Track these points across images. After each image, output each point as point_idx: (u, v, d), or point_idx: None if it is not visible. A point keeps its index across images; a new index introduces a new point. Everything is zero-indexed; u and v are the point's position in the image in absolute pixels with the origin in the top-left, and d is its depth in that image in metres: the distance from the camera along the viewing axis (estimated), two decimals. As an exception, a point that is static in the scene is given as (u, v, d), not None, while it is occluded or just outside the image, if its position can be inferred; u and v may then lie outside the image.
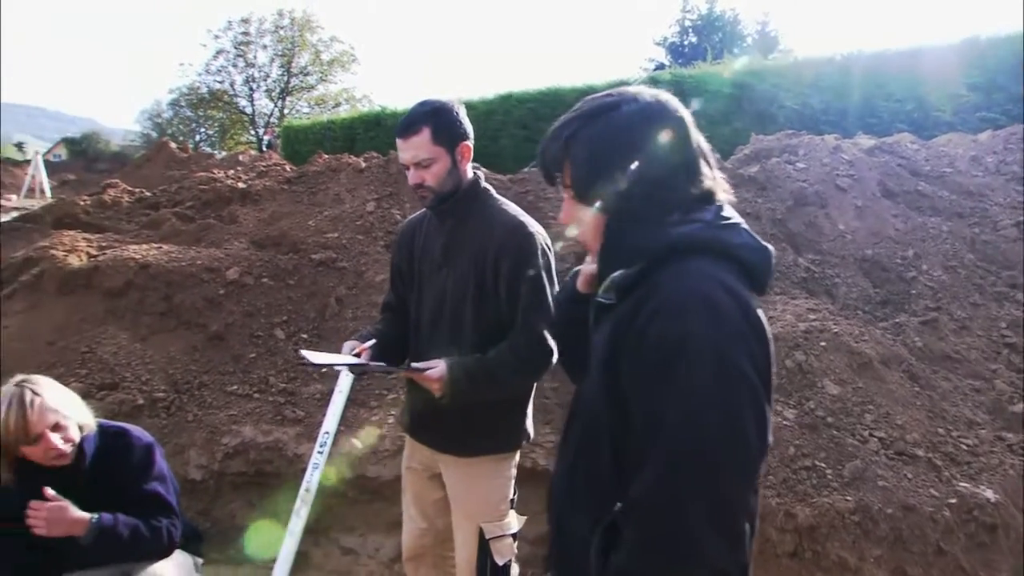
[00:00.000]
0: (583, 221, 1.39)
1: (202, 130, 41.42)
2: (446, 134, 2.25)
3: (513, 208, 2.42)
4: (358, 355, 2.35)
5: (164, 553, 2.63)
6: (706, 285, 1.23)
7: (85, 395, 3.88)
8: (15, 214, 7.36)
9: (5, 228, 5.98)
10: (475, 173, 2.40)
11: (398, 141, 2.27)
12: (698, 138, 1.36)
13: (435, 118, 2.24)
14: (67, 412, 2.44)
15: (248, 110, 39.66)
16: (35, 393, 2.37)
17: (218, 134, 40.69)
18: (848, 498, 3.16)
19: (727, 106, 10.79)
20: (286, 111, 38.61)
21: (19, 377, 2.47)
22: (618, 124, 1.31)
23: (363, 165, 5.96)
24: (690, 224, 1.30)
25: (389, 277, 2.67)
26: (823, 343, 3.92)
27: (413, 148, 2.23)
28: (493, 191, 2.45)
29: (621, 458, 1.28)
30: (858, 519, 3.09)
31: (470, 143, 2.33)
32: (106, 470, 2.54)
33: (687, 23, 31.70)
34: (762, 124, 9.17)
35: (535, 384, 2.50)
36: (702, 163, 1.35)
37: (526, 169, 5.66)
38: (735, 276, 1.27)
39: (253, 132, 39.25)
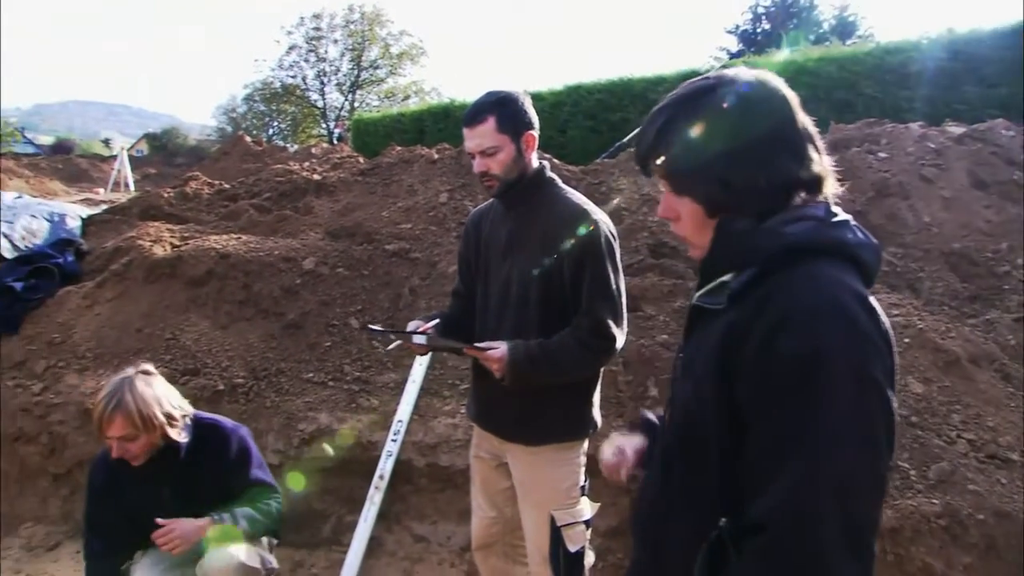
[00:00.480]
0: (682, 215, 1.29)
1: (275, 124, 42.49)
2: (511, 123, 2.27)
3: (578, 196, 2.42)
4: (422, 333, 2.38)
5: (276, 528, 2.86)
6: (836, 293, 1.13)
7: (169, 380, 4.02)
8: (104, 206, 7.66)
9: (95, 220, 6.24)
10: (540, 162, 2.41)
11: (464, 130, 2.30)
12: (804, 120, 1.26)
13: (500, 107, 2.26)
14: (153, 420, 2.51)
15: (319, 104, 40.54)
16: (131, 396, 2.48)
17: (290, 128, 41.67)
18: (934, 501, 3.03)
19: (803, 95, 10.41)
20: (356, 104, 39.29)
21: (129, 371, 2.60)
22: (716, 108, 1.22)
23: (436, 156, 6.01)
24: (802, 222, 1.19)
25: (458, 266, 2.69)
26: (907, 339, 3.77)
27: (478, 136, 2.26)
28: (559, 180, 2.47)
29: (729, 472, 1.20)
30: (945, 524, 2.96)
31: (535, 133, 2.34)
32: (201, 460, 2.68)
33: (760, 10, 30.89)
34: (840, 113, 8.85)
35: (600, 372, 2.48)
36: (810, 147, 1.24)
37: (597, 160, 5.61)
38: (857, 279, 1.18)
39: (324, 125, 40.07)
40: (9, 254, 5.50)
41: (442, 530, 3.75)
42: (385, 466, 3.69)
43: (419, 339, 2.37)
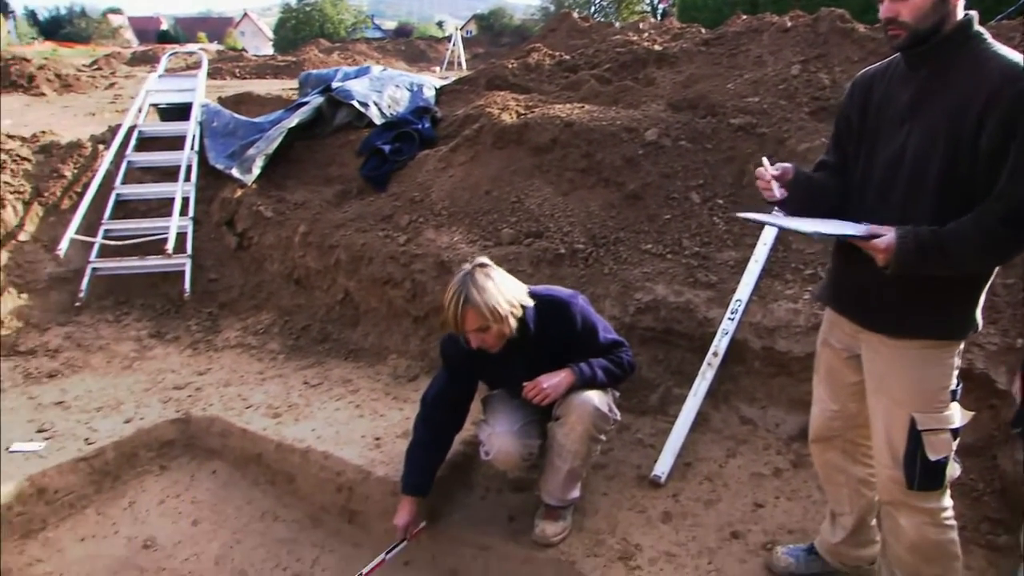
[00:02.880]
0: None
1: (597, 1, 42.31)
2: None
3: (1015, 54, 1.95)
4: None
5: (629, 376, 3.01)
6: None
7: (514, 241, 4.30)
8: (451, 78, 8.21)
9: (446, 90, 6.73)
10: (967, 15, 2.00)
11: None
12: None
13: None
14: (500, 311, 2.63)
15: (643, -23, 39.48)
16: (476, 291, 2.60)
17: (613, 4, 41.26)
18: None
19: None
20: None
21: (476, 262, 2.72)
22: None
23: (788, 24, 5.50)
24: None
25: (833, 134, 2.38)
26: None
27: None
28: (988, 36, 2.02)
29: None
30: None
31: None
32: (549, 334, 2.82)
33: None
34: None
35: (995, 268, 2.11)
36: None
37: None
38: None
39: (648, 1, 39.09)
40: (378, 120, 6.15)
41: (771, 416, 3.64)
42: (720, 344, 3.63)
43: (795, 223, 2.17)
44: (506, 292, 2.67)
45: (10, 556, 3.15)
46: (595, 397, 2.82)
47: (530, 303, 2.76)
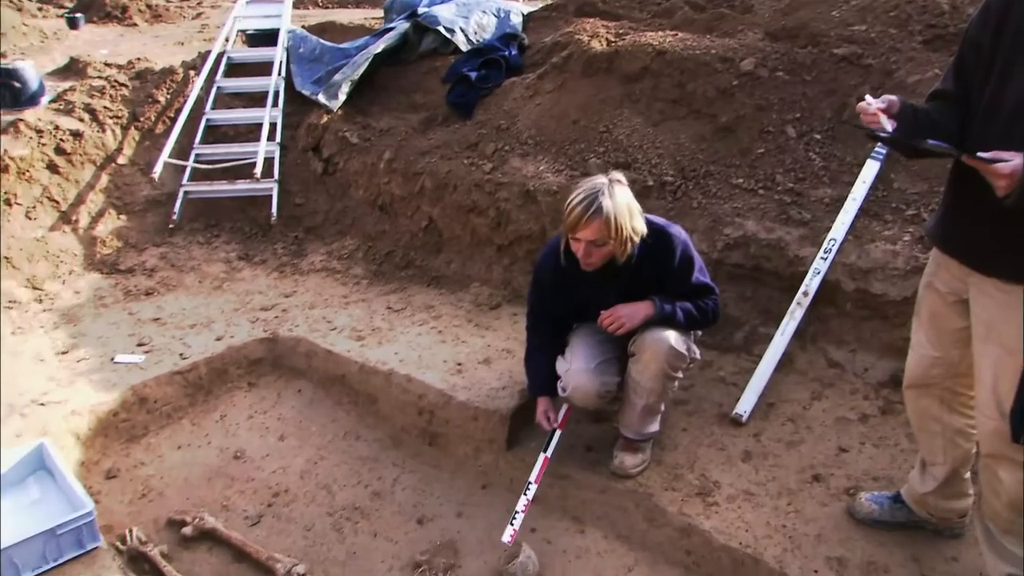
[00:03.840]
0: None
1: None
2: None
3: None
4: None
5: (711, 324, 2.97)
6: None
7: (602, 171, 4.20)
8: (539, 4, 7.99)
9: (535, 16, 6.54)
10: None
11: None
12: None
13: None
14: (624, 231, 2.54)
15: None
16: (611, 202, 2.50)
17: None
18: None
19: None
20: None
21: (603, 179, 2.59)
22: None
23: (902, -53, 5.10)
24: None
25: (954, 60, 2.18)
26: None
27: None
28: None
29: None
30: None
31: None
32: (649, 265, 2.74)
33: None
34: None
35: None
36: None
37: None
38: None
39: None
40: (464, 47, 6.04)
41: (860, 360, 3.52)
42: (811, 283, 3.50)
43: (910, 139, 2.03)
44: (635, 214, 2.59)
45: (118, 458, 3.35)
46: (671, 335, 2.76)
47: (644, 231, 2.66)
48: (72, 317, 4.22)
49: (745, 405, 3.30)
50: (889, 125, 2.04)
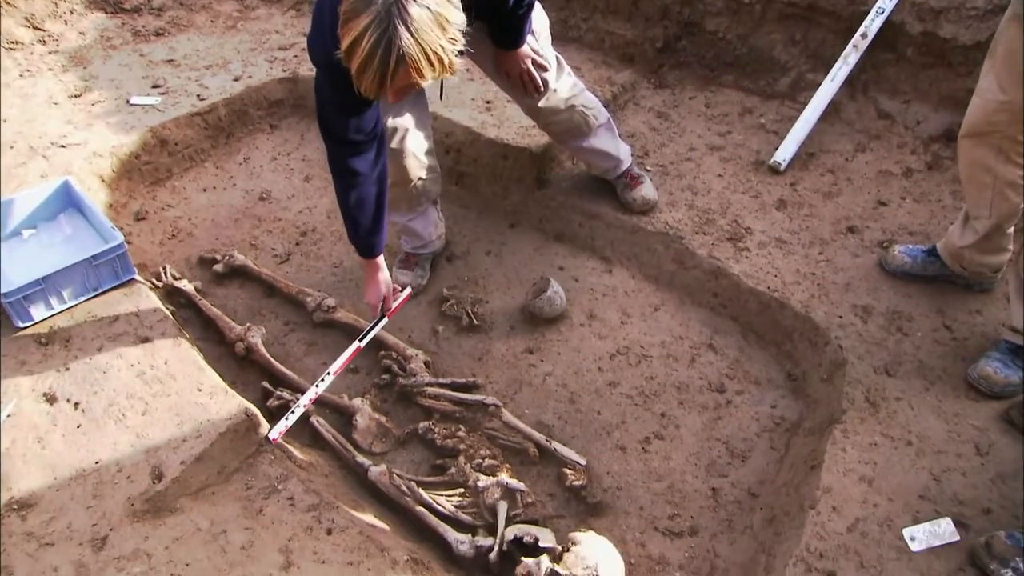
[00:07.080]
0: None
1: None
2: None
3: None
4: None
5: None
6: None
7: None
8: None
9: None
10: None
11: None
12: None
13: None
14: (442, 59, 1.59)
15: None
16: (403, 37, 1.52)
17: None
18: None
19: None
20: None
21: None
22: None
23: None
24: None
25: None
26: None
27: None
28: None
29: None
30: None
31: None
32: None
33: None
34: None
35: None
36: None
37: None
38: None
39: None
40: None
41: (913, 112, 3.30)
42: (872, 24, 3.20)
43: None
44: (447, 22, 1.57)
45: (145, 200, 3.34)
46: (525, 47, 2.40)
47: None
48: (80, 59, 4.03)
49: (784, 153, 3.15)
50: None
